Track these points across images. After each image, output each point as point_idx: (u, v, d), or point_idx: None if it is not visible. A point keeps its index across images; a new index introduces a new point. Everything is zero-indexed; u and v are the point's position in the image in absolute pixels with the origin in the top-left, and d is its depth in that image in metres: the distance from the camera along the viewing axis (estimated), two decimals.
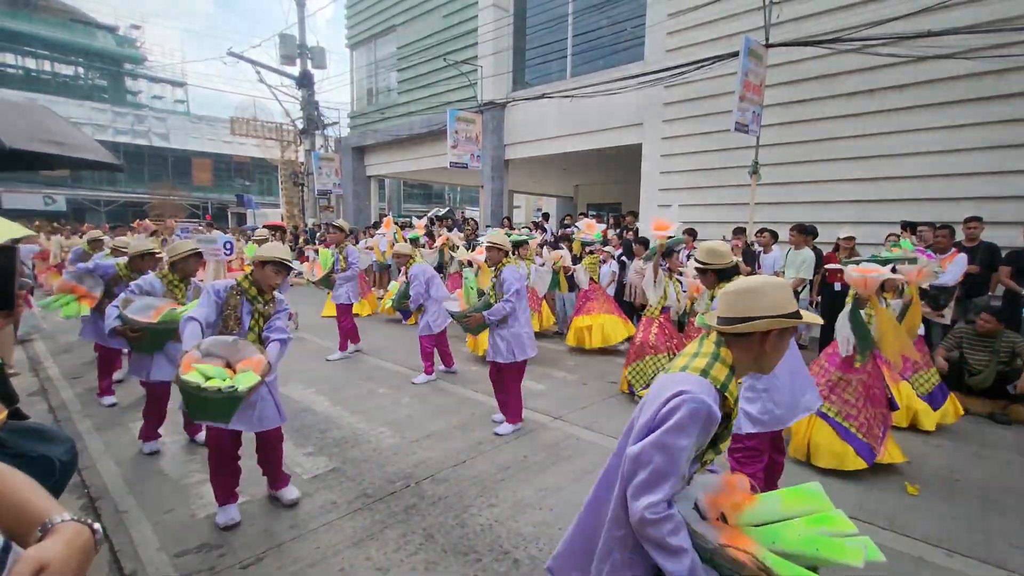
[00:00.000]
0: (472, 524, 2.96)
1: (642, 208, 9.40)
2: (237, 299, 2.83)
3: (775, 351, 1.47)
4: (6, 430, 1.62)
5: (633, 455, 1.37)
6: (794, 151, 7.45)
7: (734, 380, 1.44)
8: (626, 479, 1.38)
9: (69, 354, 6.65)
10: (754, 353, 1.47)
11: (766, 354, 1.47)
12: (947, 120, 6.33)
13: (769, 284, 1.46)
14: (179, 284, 3.80)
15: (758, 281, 1.48)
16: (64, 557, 0.75)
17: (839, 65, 6.97)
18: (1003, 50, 5.87)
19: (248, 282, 2.89)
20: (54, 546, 0.75)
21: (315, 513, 3.06)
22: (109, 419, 4.50)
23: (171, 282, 3.77)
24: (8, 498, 0.83)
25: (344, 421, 4.47)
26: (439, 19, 12.84)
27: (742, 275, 2.47)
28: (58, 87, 29.25)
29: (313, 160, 16.17)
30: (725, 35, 7.83)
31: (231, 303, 2.81)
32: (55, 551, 0.74)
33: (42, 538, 0.77)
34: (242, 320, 2.83)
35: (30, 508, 0.82)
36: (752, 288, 1.45)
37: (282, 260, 2.88)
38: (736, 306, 1.45)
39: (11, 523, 0.81)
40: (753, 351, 1.47)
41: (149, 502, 3.17)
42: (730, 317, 1.46)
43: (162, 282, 3.75)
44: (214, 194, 33.38)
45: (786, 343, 1.48)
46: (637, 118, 9.26)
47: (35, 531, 0.79)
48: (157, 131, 31.46)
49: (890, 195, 6.72)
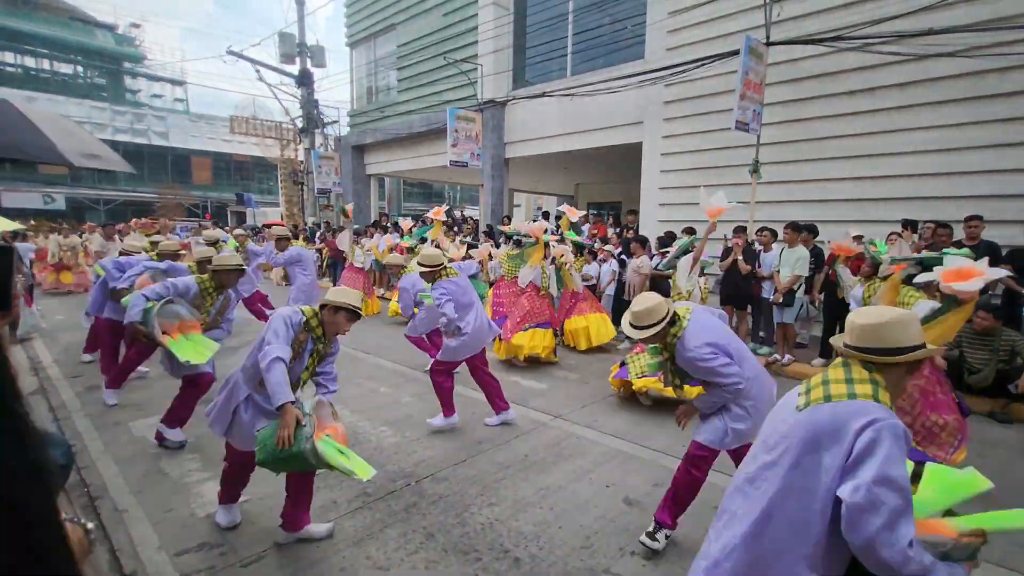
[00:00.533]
0: (472, 523, 2.96)
1: (642, 206, 9.39)
2: (304, 336, 2.70)
3: (910, 378, 1.58)
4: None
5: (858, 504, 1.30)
6: (795, 150, 7.44)
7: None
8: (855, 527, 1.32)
9: (69, 354, 6.64)
10: (897, 380, 1.51)
11: (904, 380, 1.54)
12: (948, 118, 6.32)
13: (909, 316, 1.52)
14: (212, 292, 3.78)
15: (899, 314, 1.51)
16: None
17: (839, 63, 6.96)
18: (1004, 48, 5.86)
19: (317, 321, 2.74)
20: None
21: (315, 512, 3.05)
22: (109, 418, 4.49)
23: (206, 288, 3.75)
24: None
25: (345, 420, 4.46)
26: (439, 17, 12.82)
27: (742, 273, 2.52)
28: (57, 86, 29.20)
29: (313, 159, 16.15)
30: (725, 33, 7.82)
31: (300, 339, 2.67)
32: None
33: None
34: (303, 357, 2.71)
35: None
36: (902, 319, 1.49)
37: (355, 308, 2.74)
38: (888, 336, 1.48)
39: None
40: (897, 378, 1.51)
41: (149, 501, 3.17)
42: (884, 348, 1.48)
43: (198, 286, 3.73)
44: (214, 193, 33.35)
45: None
46: (637, 116, 9.25)
47: None
48: (156, 130, 31.42)
49: (891, 193, 6.71)
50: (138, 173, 31.05)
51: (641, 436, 4.18)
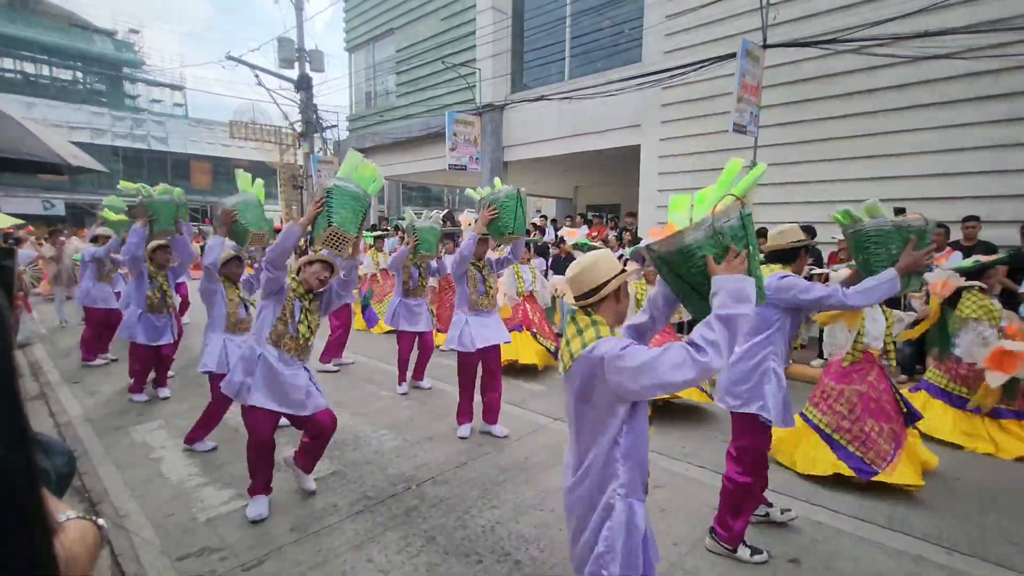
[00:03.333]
0: (473, 526, 2.96)
1: (641, 209, 9.41)
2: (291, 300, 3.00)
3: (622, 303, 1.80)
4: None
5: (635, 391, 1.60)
6: (792, 152, 7.46)
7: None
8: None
9: (68, 358, 6.65)
10: (611, 309, 1.76)
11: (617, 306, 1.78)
12: (945, 120, 6.35)
13: (592, 258, 1.76)
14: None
15: (587, 260, 1.76)
16: (76, 553, 0.77)
17: (837, 66, 6.99)
18: (1001, 50, 5.89)
19: (296, 282, 3.02)
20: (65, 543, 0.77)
21: (316, 516, 3.07)
22: (110, 423, 4.49)
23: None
24: None
25: (345, 423, 4.47)
26: (437, 22, 12.87)
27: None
28: (56, 91, 29.23)
29: (312, 163, 16.18)
30: (722, 37, 7.85)
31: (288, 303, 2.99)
32: (67, 548, 0.76)
33: None
34: (295, 314, 3.00)
35: None
36: (589, 263, 1.74)
37: (325, 259, 3.03)
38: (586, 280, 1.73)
39: None
40: (610, 308, 1.76)
41: (150, 506, 3.18)
42: (587, 291, 1.73)
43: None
44: (213, 197, 33.36)
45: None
46: (635, 119, 9.28)
47: None
48: (156, 135, 31.46)
49: (889, 194, 6.71)
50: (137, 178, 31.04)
51: None
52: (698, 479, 3.54)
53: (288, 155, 20.45)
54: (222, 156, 33.50)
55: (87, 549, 0.80)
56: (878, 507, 3.20)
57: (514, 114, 11.48)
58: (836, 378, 3.61)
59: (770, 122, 7.33)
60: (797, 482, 3.51)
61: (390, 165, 15.32)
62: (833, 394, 3.59)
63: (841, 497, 3.31)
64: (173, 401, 5.03)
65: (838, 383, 3.58)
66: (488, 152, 11.62)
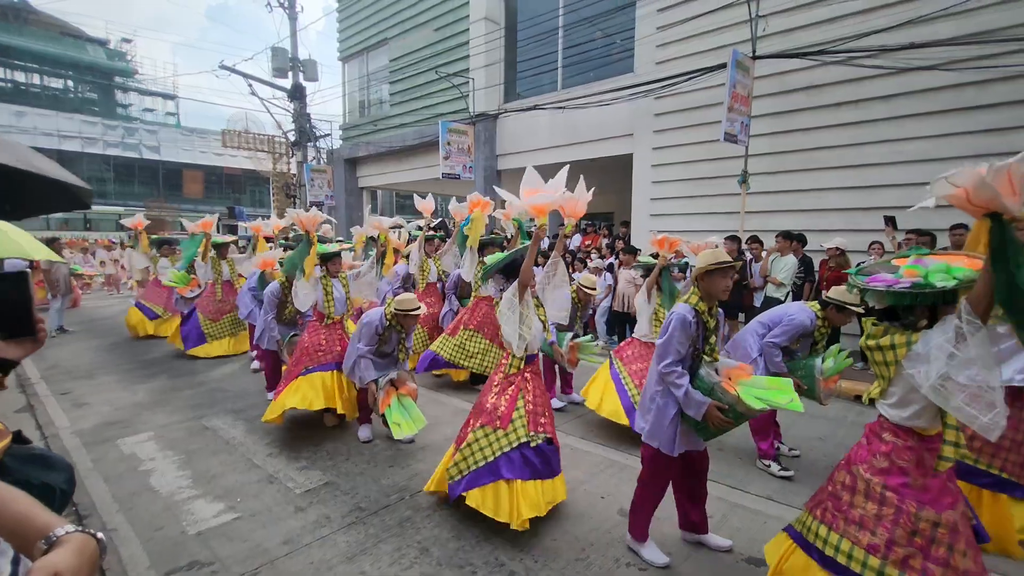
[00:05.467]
0: (468, 536, 2.94)
1: (634, 217, 9.47)
2: (388, 332, 4.02)
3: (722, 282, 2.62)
4: (9, 456, 1.62)
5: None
6: (782, 161, 7.55)
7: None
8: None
9: (56, 369, 6.56)
10: (709, 287, 2.64)
11: (714, 285, 2.63)
12: (932, 130, 6.45)
13: (708, 252, 2.65)
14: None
15: (706, 252, 2.66)
16: (76, 566, 0.79)
17: (825, 77, 7.09)
18: (985, 61, 6.01)
19: (395, 321, 3.99)
20: (65, 555, 0.79)
21: (308, 528, 3.03)
22: (98, 435, 4.43)
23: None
24: (11, 513, 0.86)
25: (338, 433, 4.43)
26: (431, 32, 12.95)
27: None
28: (48, 100, 29.09)
29: (305, 172, 16.17)
30: (713, 47, 7.95)
31: (384, 335, 4.02)
32: (67, 560, 0.79)
33: (48, 550, 0.81)
34: (391, 342, 4.10)
35: (34, 522, 0.86)
36: (705, 255, 2.65)
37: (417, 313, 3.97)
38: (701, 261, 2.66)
39: (14, 536, 0.86)
40: (709, 286, 2.64)
41: (139, 519, 3.12)
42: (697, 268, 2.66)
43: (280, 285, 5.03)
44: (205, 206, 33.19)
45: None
46: (628, 129, 9.36)
47: (38, 544, 0.82)
48: (148, 144, 31.35)
49: (876, 203, 6.81)
50: (129, 187, 30.89)
51: (634, 446, 4.16)
52: None
53: (281, 164, 20.41)
54: (215, 165, 33.39)
55: (89, 561, 0.82)
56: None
57: (507, 123, 11.54)
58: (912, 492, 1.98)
59: (760, 131, 7.41)
60: (792, 489, 3.51)
61: (383, 174, 15.34)
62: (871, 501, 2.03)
63: None
64: (163, 413, 4.97)
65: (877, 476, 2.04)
66: (481, 161, 11.66)
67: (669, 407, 2.58)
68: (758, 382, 2.53)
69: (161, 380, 6.08)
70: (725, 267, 2.55)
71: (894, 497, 1.96)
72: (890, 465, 2.00)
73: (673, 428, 2.58)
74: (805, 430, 4.58)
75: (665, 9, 8.62)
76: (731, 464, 3.90)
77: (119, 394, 5.55)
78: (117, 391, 5.66)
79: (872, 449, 2.07)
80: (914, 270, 1.99)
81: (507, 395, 3.06)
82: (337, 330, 4.63)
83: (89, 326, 9.57)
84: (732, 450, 4.09)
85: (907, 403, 1.99)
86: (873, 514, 1.99)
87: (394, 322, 3.98)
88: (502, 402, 3.05)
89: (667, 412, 2.59)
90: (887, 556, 1.92)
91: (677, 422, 2.58)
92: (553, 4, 10.76)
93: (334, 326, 4.62)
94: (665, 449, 2.60)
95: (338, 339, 4.57)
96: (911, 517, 1.92)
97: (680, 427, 2.59)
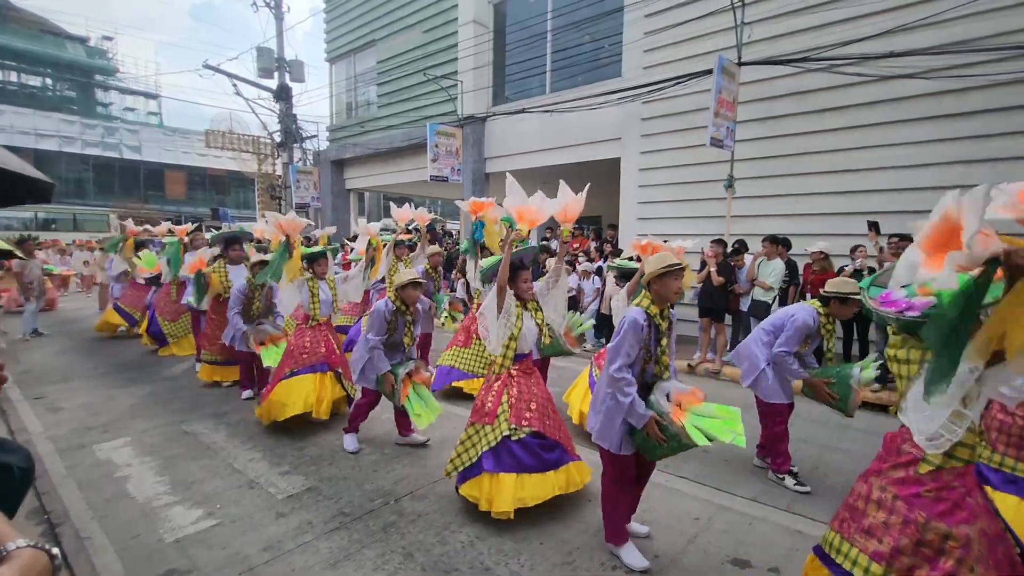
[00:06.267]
0: (453, 541, 2.90)
1: (622, 220, 9.51)
2: (393, 317, 3.88)
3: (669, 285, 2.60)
4: None
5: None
6: (768, 166, 7.64)
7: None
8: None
9: (30, 373, 6.38)
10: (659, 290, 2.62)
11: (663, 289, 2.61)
12: (912, 136, 6.58)
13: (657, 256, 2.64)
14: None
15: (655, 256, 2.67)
16: None
17: (809, 83, 7.20)
18: (961, 71, 6.15)
19: (399, 302, 3.88)
20: (10, 572, 0.73)
21: (290, 534, 2.96)
22: (73, 441, 4.30)
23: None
24: None
25: (322, 437, 4.36)
26: (419, 34, 12.92)
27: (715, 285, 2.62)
28: (25, 98, 28.43)
29: (291, 173, 15.99)
30: (700, 53, 8.03)
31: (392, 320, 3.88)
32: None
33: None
34: (399, 328, 3.95)
35: None
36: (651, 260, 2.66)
37: (416, 279, 3.84)
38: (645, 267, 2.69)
39: None
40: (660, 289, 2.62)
41: (114, 527, 3.03)
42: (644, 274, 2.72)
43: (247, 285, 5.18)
44: (188, 207, 32.66)
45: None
46: (616, 133, 9.41)
47: None
48: (128, 143, 30.76)
49: (861, 208, 6.92)
50: (109, 187, 30.28)
51: None
52: (681, 490, 3.53)
53: (266, 165, 20.18)
54: (198, 165, 32.88)
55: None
56: None
57: (496, 126, 11.54)
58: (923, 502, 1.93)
59: (746, 136, 7.50)
60: (777, 491, 3.53)
61: (371, 176, 15.23)
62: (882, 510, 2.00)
63: (821, 505, 3.34)
64: (141, 417, 4.85)
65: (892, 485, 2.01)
66: (470, 164, 11.64)
67: (617, 411, 2.57)
68: (707, 410, 2.53)
69: (139, 383, 5.94)
70: (675, 269, 2.56)
71: (903, 506, 1.94)
72: (905, 475, 1.98)
73: (621, 431, 2.59)
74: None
75: (653, 15, 8.70)
76: (717, 467, 3.90)
77: (95, 398, 5.41)
78: (93, 395, 5.52)
79: (890, 459, 2.05)
80: (928, 288, 1.92)
81: (494, 392, 3.19)
82: (323, 332, 4.61)
83: (65, 328, 9.33)
84: (717, 452, 4.10)
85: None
86: (882, 522, 1.97)
87: (399, 304, 3.88)
88: (489, 399, 3.18)
89: (615, 416, 2.58)
90: (891, 564, 1.90)
91: (625, 426, 2.58)
92: (542, 8, 10.80)
93: (319, 328, 4.60)
94: (614, 449, 2.62)
95: (323, 340, 4.55)
96: (919, 527, 1.89)
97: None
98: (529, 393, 3.18)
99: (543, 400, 3.23)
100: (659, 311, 2.60)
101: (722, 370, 6.58)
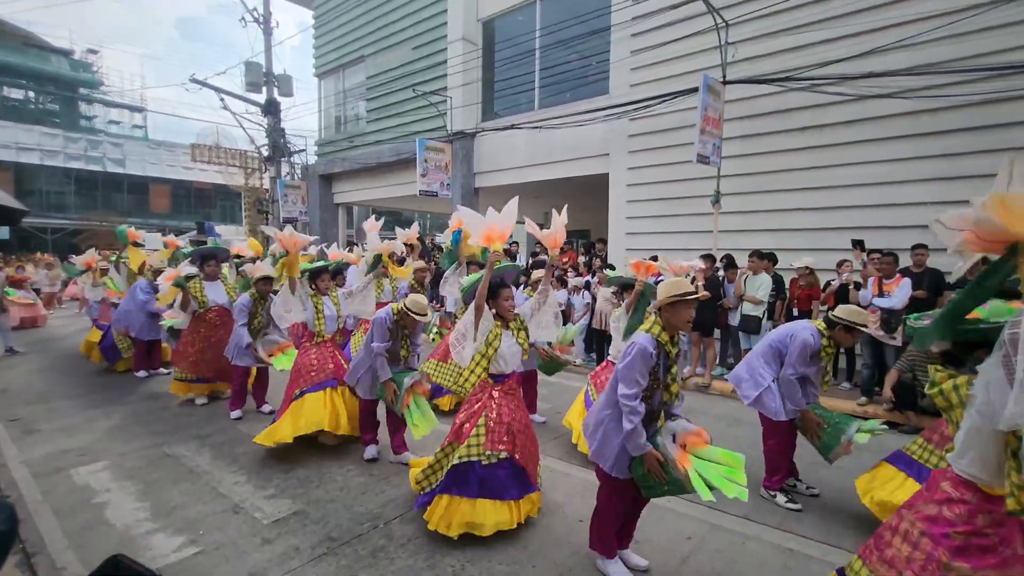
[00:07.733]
0: (443, 565, 2.84)
1: (611, 235, 9.58)
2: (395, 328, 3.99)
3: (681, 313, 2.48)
4: None
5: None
6: (752, 182, 7.77)
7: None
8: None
9: (5, 394, 6.19)
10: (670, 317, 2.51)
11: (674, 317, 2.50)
12: (890, 154, 6.75)
13: (667, 283, 2.54)
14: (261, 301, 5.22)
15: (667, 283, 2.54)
16: None
17: (791, 102, 7.37)
18: (936, 91, 6.34)
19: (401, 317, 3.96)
20: None
21: (276, 560, 2.88)
22: (49, 465, 4.16)
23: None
24: None
25: (309, 459, 4.27)
26: (408, 51, 13.01)
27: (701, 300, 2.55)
28: (6, 111, 28.01)
29: (279, 187, 15.90)
30: (686, 72, 8.19)
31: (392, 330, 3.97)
32: None
33: None
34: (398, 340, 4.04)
35: None
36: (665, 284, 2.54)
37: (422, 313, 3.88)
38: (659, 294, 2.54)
39: None
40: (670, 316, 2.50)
41: (91, 556, 2.92)
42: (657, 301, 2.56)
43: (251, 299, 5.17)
44: (172, 221, 32.26)
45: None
46: (603, 149, 9.52)
47: None
48: (112, 156, 30.36)
49: (842, 223, 7.06)
50: (91, 201, 29.82)
51: None
52: (674, 509, 3.51)
53: (253, 179, 20.05)
54: (183, 179, 32.54)
55: None
56: (845, 534, 3.23)
57: (485, 141, 11.62)
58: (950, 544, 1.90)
59: (731, 153, 7.63)
60: (768, 508, 3.52)
61: (360, 190, 15.21)
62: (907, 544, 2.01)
63: (811, 523, 3.34)
64: (120, 440, 4.71)
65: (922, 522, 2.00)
66: (459, 179, 11.68)
67: (615, 435, 2.53)
68: (711, 454, 2.48)
69: (120, 404, 5.79)
70: (689, 298, 2.44)
71: (928, 543, 1.91)
72: (938, 513, 1.94)
73: (618, 450, 2.53)
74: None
75: (639, 34, 8.87)
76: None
77: (73, 419, 5.26)
78: (71, 416, 5.36)
79: (928, 495, 2.02)
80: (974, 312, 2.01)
81: (472, 412, 3.17)
82: (329, 348, 4.60)
83: (43, 347, 9.09)
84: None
85: (965, 449, 1.91)
86: (905, 556, 1.96)
87: (400, 319, 3.96)
88: (468, 421, 3.16)
89: (613, 437, 2.54)
90: None
91: (622, 447, 2.51)
92: (530, 26, 10.97)
93: (325, 344, 4.59)
94: (608, 469, 2.58)
95: (330, 357, 4.55)
96: (940, 566, 1.86)
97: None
98: (510, 416, 3.14)
99: (522, 425, 3.19)
100: (669, 338, 2.50)
101: (711, 384, 6.61)
